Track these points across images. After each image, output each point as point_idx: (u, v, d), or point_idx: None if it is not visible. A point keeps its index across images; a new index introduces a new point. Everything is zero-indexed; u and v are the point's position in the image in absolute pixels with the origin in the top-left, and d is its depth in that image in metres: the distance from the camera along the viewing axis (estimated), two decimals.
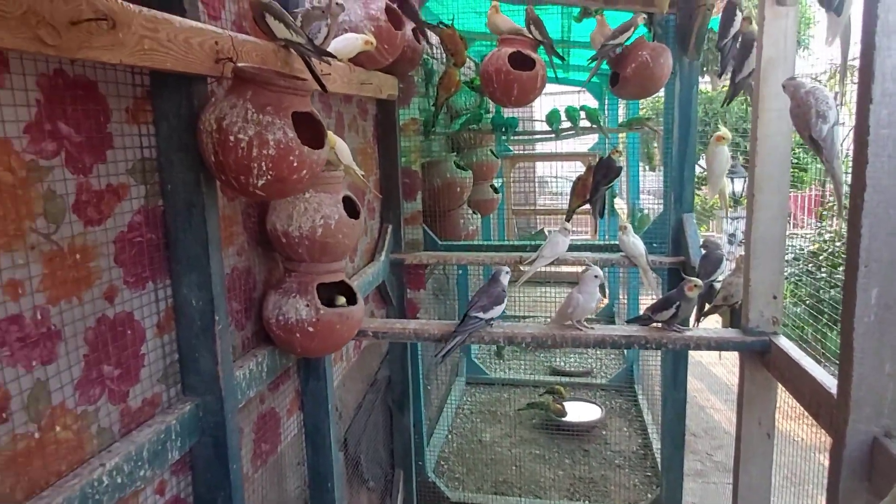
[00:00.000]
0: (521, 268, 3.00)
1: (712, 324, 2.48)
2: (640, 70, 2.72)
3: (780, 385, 1.86)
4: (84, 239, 1.23)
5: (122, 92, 1.33)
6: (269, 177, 1.32)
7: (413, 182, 3.34)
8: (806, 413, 1.64)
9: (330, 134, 1.88)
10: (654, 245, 3.13)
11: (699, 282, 1.99)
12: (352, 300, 1.90)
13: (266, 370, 1.84)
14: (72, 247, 1.20)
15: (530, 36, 2.89)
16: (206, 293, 1.47)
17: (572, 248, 3.10)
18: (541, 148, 8.34)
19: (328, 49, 2.01)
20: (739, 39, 2.09)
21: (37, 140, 1.12)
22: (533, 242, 3.40)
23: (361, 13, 2.36)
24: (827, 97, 1.54)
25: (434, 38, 3.70)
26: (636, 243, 2.93)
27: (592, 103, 7.37)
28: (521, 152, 8.25)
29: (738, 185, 8.04)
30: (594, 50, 2.82)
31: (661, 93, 3.18)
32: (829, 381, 1.52)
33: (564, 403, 4.68)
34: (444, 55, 3.64)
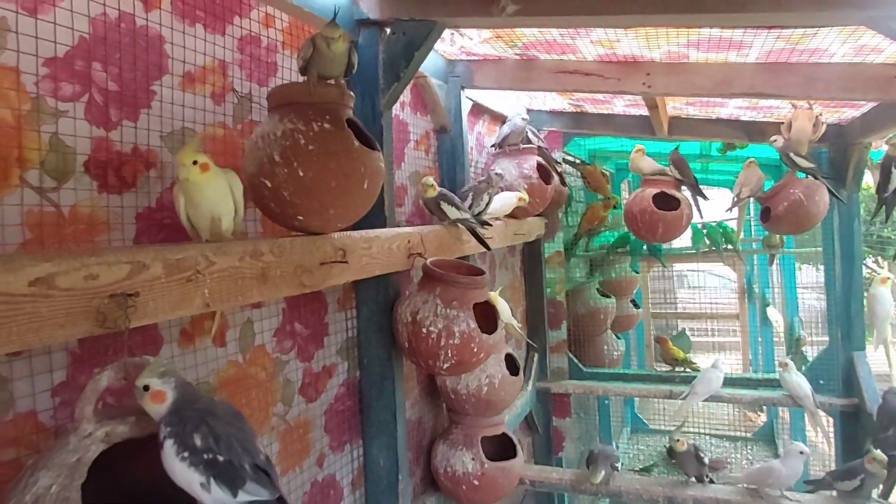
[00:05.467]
0: (679, 401, 2.96)
1: None
2: (794, 208, 2.70)
3: None
4: (306, 415, 1.49)
5: (335, 287, 1.63)
6: (453, 361, 1.52)
7: (558, 311, 3.46)
8: None
9: (493, 294, 2.09)
10: (821, 383, 2.94)
11: (881, 456, 1.86)
12: (512, 452, 2.02)
13: None
14: (297, 423, 1.46)
15: (673, 176, 3.00)
16: (392, 454, 1.67)
17: (726, 381, 3.00)
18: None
19: (488, 212, 2.28)
20: None
21: (280, 340, 1.42)
22: (682, 373, 3.33)
23: (516, 173, 2.64)
24: None
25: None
26: (800, 383, 2.78)
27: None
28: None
29: None
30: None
31: None
32: None
33: None
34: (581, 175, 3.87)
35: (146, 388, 0.75)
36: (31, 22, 0.93)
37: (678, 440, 2.16)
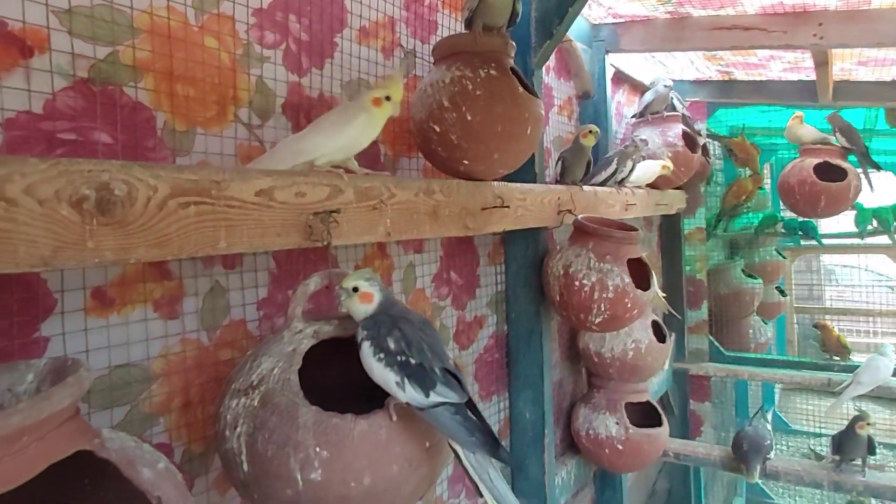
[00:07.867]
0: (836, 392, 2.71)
1: None
2: None
3: None
4: (458, 361, 1.55)
5: (486, 241, 1.67)
6: (605, 316, 1.50)
7: (697, 290, 3.29)
8: None
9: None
10: None
11: None
12: (658, 421, 1.97)
13: (573, 479, 1.98)
14: None
15: (837, 145, 2.73)
16: (538, 408, 1.69)
17: None
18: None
19: (631, 180, 2.22)
20: None
21: (438, 287, 1.48)
22: (841, 362, 3.04)
23: (660, 141, 2.54)
24: None
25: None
26: None
27: None
28: (806, 244, 7.41)
29: None
30: None
31: None
32: None
33: None
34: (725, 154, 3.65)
35: (355, 289, 0.82)
36: None
37: (863, 422, 1.96)
